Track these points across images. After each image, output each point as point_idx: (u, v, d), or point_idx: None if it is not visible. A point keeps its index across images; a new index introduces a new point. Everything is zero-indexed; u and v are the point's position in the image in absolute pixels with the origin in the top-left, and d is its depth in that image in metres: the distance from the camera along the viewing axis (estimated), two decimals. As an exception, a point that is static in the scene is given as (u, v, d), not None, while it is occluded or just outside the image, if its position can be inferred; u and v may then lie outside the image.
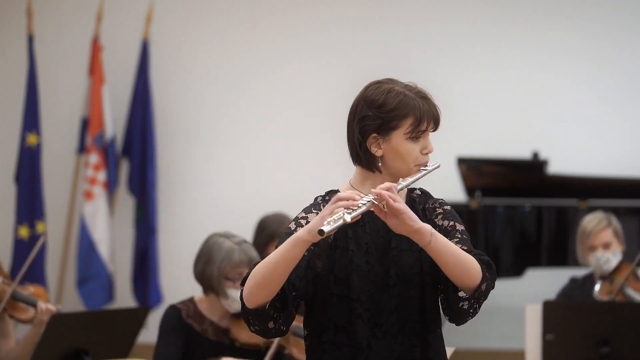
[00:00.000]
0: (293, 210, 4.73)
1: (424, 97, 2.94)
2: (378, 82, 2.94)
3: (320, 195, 2.94)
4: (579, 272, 6.08)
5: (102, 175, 7.75)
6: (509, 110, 8.26)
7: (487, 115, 8.25)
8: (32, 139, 7.61)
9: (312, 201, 2.95)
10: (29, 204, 7.56)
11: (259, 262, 2.81)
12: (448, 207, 2.96)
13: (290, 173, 8.15)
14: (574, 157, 8.09)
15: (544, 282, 7.79)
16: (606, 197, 7.31)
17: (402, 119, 2.87)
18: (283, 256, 2.71)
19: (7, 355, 4.67)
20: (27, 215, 7.55)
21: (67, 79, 8.18)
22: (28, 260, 4.79)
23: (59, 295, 7.91)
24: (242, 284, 2.81)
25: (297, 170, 8.17)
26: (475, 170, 7.45)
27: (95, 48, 7.88)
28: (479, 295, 2.78)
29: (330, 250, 2.84)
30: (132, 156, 7.91)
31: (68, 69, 8.19)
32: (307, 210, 2.89)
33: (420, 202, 2.96)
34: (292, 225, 2.84)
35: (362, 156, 2.88)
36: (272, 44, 8.28)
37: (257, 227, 5.62)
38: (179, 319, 4.26)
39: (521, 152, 7.87)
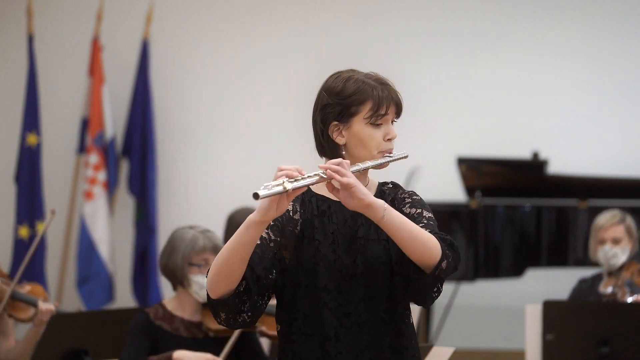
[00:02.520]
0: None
1: (383, 83, 2.90)
2: (338, 72, 2.95)
3: None
4: (579, 272, 6.08)
5: (102, 175, 7.75)
6: (509, 110, 8.26)
7: (487, 115, 8.26)
8: (32, 139, 7.61)
9: None
10: (29, 204, 7.56)
11: None
12: (417, 197, 2.92)
13: (290, 173, 8.15)
14: (574, 157, 8.10)
15: (544, 282, 7.80)
16: (606, 197, 7.31)
17: (361, 103, 2.86)
18: (238, 240, 2.70)
19: (7, 354, 4.67)
20: (27, 215, 7.54)
21: (67, 79, 8.18)
22: (26, 257, 4.79)
23: (59, 295, 7.91)
24: (207, 275, 2.81)
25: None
26: (475, 170, 7.45)
27: (95, 48, 7.88)
28: (439, 273, 2.74)
29: (298, 241, 2.84)
30: (132, 156, 7.91)
31: (68, 69, 8.19)
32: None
33: (390, 193, 2.93)
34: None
35: (325, 145, 2.89)
36: (272, 44, 8.28)
37: (225, 223, 5.69)
38: (147, 321, 4.28)
39: (521, 152, 7.87)
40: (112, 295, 7.75)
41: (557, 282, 7.55)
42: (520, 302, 6.21)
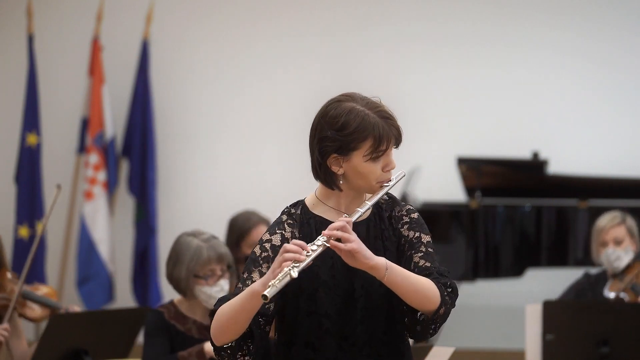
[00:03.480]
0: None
1: (385, 116, 2.84)
2: (338, 101, 2.87)
3: (287, 208, 2.93)
4: (579, 272, 6.07)
5: (102, 175, 7.75)
6: (509, 110, 8.26)
7: (487, 115, 8.25)
8: (32, 139, 7.61)
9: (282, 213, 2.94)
10: (29, 204, 7.56)
11: (224, 298, 2.82)
12: (415, 216, 2.92)
13: (291, 173, 8.15)
14: (574, 157, 8.09)
15: (544, 282, 7.79)
16: (606, 197, 7.31)
17: (362, 141, 2.81)
18: (242, 306, 2.74)
19: (21, 356, 4.67)
20: (27, 215, 7.55)
21: (67, 79, 8.19)
22: (30, 253, 4.80)
23: (59, 295, 7.90)
24: (210, 315, 2.84)
25: (298, 170, 8.16)
26: (475, 170, 7.45)
27: (95, 48, 7.88)
28: (437, 318, 2.80)
29: None
30: (132, 156, 7.91)
31: (68, 69, 8.19)
32: (271, 231, 2.88)
33: (386, 209, 2.93)
34: (257, 250, 2.85)
35: (321, 175, 2.88)
36: (272, 44, 8.28)
37: (227, 228, 5.68)
38: (162, 320, 4.28)
39: (521, 152, 7.87)
40: (112, 295, 7.75)
41: (557, 282, 7.53)
42: (520, 302, 6.21)
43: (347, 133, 2.82)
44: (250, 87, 8.27)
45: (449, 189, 7.85)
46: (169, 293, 7.63)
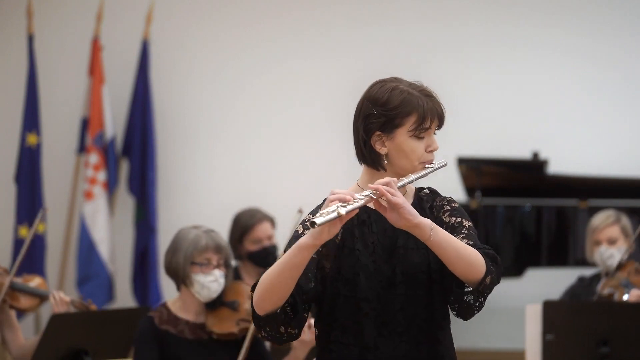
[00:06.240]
0: (293, 209, 4.74)
1: (428, 95, 2.93)
2: (382, 81, 2.94)
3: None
4: (579, 272, 6.08)
5: (102, 175, 7.75)
6: (509, 110, 8.26)
7: (487, 115, 8.25)
8: (32, 139, 7.61)
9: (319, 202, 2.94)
10: (29, 204, 7.56)
11: (266, 269, 2.80)
12: (456, 204, 2.96)
13: (290, 172, 8.16)
14: (574, 157, 8.09)
15: (544, 282, 7.80)
16: (606, 197, 7.31)
17: (406, 116, 2.87)
18: (289, 262, 2.71)
19: (18, 350, 4.68)
20: (27, 215, 7.55)
21: (67, 79, 8.18)
22: (23, 249, 4.81)
23: (59, 295, 7.90)
24: (252, 289, 2.81)
25: (297, 169, 8.17)
26: (475, 170, 7.45)
27: (95, 48, 7.88)
28: (484, 288, 2.80)
29: (338, 251, 2.84)
30: (132, 156, 7.91)
31: (68, 69, 8.19)
32: (313, 211, 2.89)
33: (427, 200, 2.97)
34: (300, 228, 2.86)
35: (367, 155, 2.90)
36: (272, 43, 8.28)
37: (231, 224, 5.70)
38: (153, 327, 4.31)
39: (521, 152, 7.87)
40: (112, 295, 7.75)
41: (557, 282, 7.54)
42: (520, 302, 6.20)
43: (391, 108, 2.87)
44: (250, 87, 8.27)
45: (448, 189, 7.83)
46: (169, 293, 7.63)
